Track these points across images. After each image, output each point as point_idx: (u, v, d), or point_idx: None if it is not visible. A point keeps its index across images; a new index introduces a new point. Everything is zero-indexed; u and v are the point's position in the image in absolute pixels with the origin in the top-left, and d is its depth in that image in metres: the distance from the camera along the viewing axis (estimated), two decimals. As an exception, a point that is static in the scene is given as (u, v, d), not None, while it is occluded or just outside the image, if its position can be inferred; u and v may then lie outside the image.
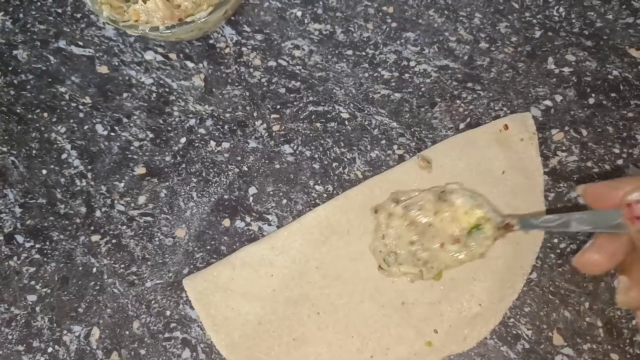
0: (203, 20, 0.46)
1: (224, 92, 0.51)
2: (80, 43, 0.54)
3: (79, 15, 0.54)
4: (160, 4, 0.46)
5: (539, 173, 0.47)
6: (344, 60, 0.51)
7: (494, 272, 0.45)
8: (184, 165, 0.50)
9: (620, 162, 0.47)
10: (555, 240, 0.46)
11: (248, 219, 0.48)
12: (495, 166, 0.47)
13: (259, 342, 0.44)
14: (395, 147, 0.49)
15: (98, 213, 0.49)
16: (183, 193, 0.49)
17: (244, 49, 0.52)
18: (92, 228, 0.48)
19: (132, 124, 0.51)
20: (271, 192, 0.49)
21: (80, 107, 0.52)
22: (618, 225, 0.35)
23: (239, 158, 0.49)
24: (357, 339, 0.44)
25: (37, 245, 0.48)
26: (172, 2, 0.48)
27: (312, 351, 0.44)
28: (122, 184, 0.49)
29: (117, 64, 0.53)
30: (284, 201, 0.48)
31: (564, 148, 0.48)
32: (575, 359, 0.43)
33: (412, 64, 0.51)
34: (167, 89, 0.52)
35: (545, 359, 0.43)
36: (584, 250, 0.38)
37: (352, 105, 0.50)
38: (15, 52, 0.54)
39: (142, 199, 0.49)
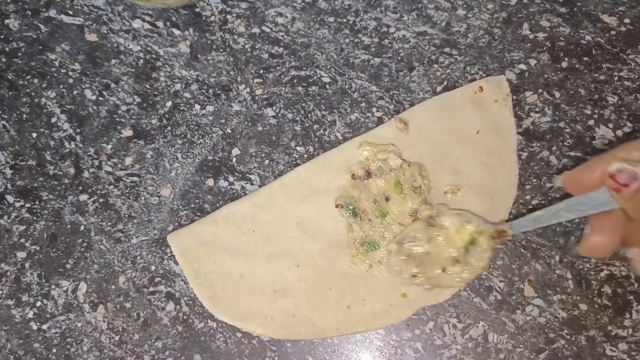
0: (187, -15, 0.48)
1: (208, 58, 0.53)
2: (70, 12, 0.55)
3: (68, -15, 0.56)
4: (145, -31, 0.47)
5: (513, 133, 0.48)
6: (326, 26, 0.53)
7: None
8: (169, 128, 0.51)
9: (591, 122, 0.49)
10: (528, 197, 0.47)
11: (231, 178, 0.50)
12: (470, 127, 0.49)
13: (240, 295, 0.46)
14: (374, 109, 0.51)
15: (86, 174, 0.50)
16: (168, 154, 0.50)
17: (228, 16, 0.54)
18: (80, 188, 0.50)
19: (119, 89, 0.53)
20: (254, 153, 0.50)
21: (70, 73, 0.53)
22: (606, 202, 0.36)
23: (222, 121, 0.51)
24: (335, 290, 0.45)
25: (27, 205, 0.50)
26: (158, -32, 0.49)
27: (292, 302, 0.45)
28: (109, 146, 0.51)
29: (105, 32, 0.54)
30: (266, 162, 0.50)
31: (537, 109, 0.49)
32: (545, 309, 0.45)
33: (392, 30, 0.52)
34: (154, 56, 0.53)
35: (517, 309, 0.45)
36: (585, 237, 0.39)
37: (333, 69, 0.52)
38: (7, 21, 0.55)
39: (128, 160, 0.50)
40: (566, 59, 0.50)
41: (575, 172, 0.39)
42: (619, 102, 0.49)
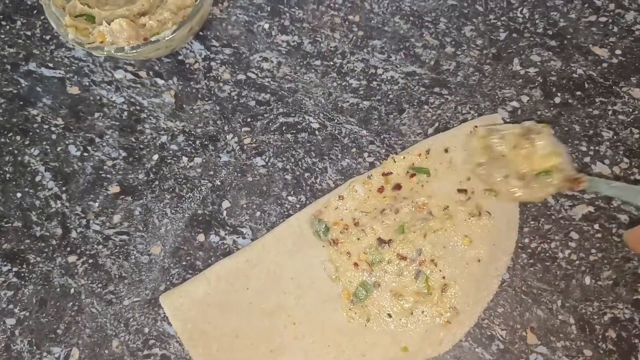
0: (168, 38, 0.46)
1: (194, 107, 0.52)
2: (51, 65, 0.54)
3: (48, 37, 0.55)
4: (124, 25, 0.46)
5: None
6: (313, 70, 0.52)
7: (469, 274, 0.45)
8: (157, 182, 0.50)
9: (587, 159, 0.48)
10: (526, 240, 0.46)
11: (222, 233, 0.48)
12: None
13: (237, 355, 0.45)
14: (365, 154, 0.49)
15: (74, 234, 0.49)
16: (157, 210, 0.49)
17: (213, 63, 0.53)
18: (68, 249, 0.49)
19: (104, 144, 0.51)
20: (244, 205, 0.49)
21: (53, 128, 0.52)
22: None
23: (211, 172, 0.50)
24: (333, 347, 0.44)
25: (14, 269, 0.49)
26: (137, 22, 0.48)
27: (290, 361, 0.44)
28: (96, 204, 0.50)
29: (87, 84, 0.53)
30: (258, 213, 0.49)
31: (531, 148, 0.48)
32: (549, 357, 0.44)
33: (380, 71, 0.51)
34: (138, 107, 0.52)
35: (520, 358, 0.44)
36: (637, 227, 0.40)
37: (321, 115, 0.51)
38: (-14, 76, 0.54)
39: (117, 218, 0.49)
40: (559, 94, 0.49)
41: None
42: (615, 137, 0.48)
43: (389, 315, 0.44)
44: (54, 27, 0.47)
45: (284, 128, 0.51)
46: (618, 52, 0.50)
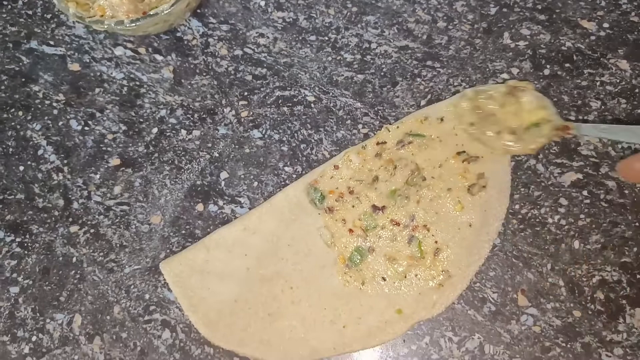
0: (167, 12, 0.48)
1: (192, 82, 0.53)
2: (52, 42, 0.55)
3: (49, 16, 0.56)
4: (124, -1, 0.47)
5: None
6: (308, 45, 0.53)
7: (461, 239, 0.46)
8: (156, 155, 0.51)
9: (575, 128, 0.49)
10: (517, 207, 0.48)
11: (221, 202, 0.50)
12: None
13: (235, 320, 0.46)
14: (360, 126, 0.51)
15: (75, 205, 0.50)
16: (157, 181, 0.50)
17: (210, 39, 0.54)
18: (70, 219, 0.50)
19: (105, 118, 0.53)
20: (242, 176, 0.50)
21: (54, 104, 0.53)
22: None
23: (209, 145, 0.51)
24: (329, 310, 0.45)
25: (18, 239, 0.50)
26: (136, -3, 0.49)
27: (287, 325, 0.45)
28: (97, 176, 0.51)
29: (88, 61, 0.54)
30: (255, 184, 0.50)
31: (521, 118, 0.49)
32: (539, 318, 0.45)
33: (373, 45, 0.53)
34: (137, 83, 0.53)
35: (511, 319, 0.45)
36: (630, 158, 0.42)
37: (317, 88, 0.52)
38: (-12, 54, 0.55)
39: (117, 189, 0.50)
40: (548, 66, 0.51)
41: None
42: (602, 107, 0.49)
43: (383, 279, 0.46)
44: (55, 2, 0.48)
45: (280, 101, 0.52)
46: (605, 25, 0.51)
